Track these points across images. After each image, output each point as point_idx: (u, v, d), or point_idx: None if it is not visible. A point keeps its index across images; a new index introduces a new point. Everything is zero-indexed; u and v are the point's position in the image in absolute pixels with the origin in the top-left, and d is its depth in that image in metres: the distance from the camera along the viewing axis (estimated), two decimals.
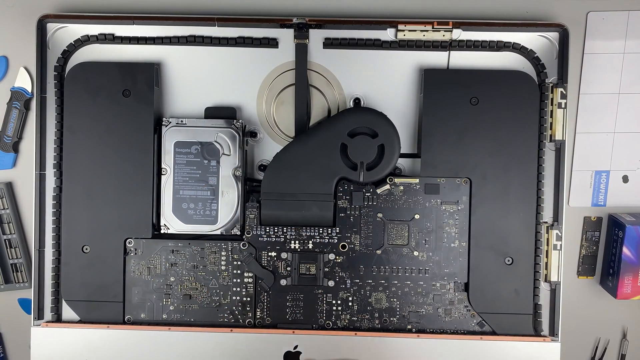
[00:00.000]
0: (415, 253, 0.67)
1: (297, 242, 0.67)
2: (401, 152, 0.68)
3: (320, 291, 0.67)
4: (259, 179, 0.69)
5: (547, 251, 0.67)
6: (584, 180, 0.72)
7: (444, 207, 0.67)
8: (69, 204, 0.67)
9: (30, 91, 0.71)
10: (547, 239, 0.67)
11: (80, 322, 0.68)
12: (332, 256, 0.67)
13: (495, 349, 0.66)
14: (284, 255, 0.67)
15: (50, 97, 0.68)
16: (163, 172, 0.67)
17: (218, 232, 0.67)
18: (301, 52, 0.68)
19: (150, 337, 0.67)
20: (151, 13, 0.68)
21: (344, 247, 0.67)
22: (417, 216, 0.67)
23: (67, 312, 0.68)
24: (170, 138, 0.67)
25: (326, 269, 0.67)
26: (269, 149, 0.70)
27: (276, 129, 0.70)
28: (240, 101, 0.69)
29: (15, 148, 0.71)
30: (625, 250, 0.69)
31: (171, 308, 0.68)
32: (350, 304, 0.68)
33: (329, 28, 0.68)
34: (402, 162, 0.69)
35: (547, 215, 0.68)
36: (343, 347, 0.66)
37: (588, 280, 0.74)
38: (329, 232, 0.67)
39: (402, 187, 0.67)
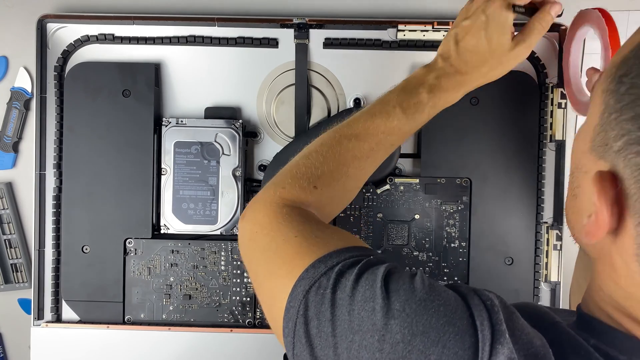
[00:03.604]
0: (415, 253, 0.67)
1: None
2: (401, 152, 0.68)
3: None
4: (259, 179, 0.69)
5: (547, 251, 0.67)
6: None
7: (444, 207, 0.67)
8: (69, 204, 0.67)
9: (30, 91, 0.71)
10: (547, 239, 0.67)
11: (80, 322, 0.68)
12: None
13: None
14: None
15: (50, 97, 0.68)
16: (163, 172, 0.67)
17: (218, 232, 0.67)
18: (301, 52, 0.68)
19: (150, 337, 0.67)
20: (151, 13, 0.68)
21: None
22: (417, 216, 0.67)
23: (67, 312, 0.68)
24: (170, 138, 0.67)
25: None
26: (269, 149, 0.70)
27: (276, 129, 0.70)
28: (240, 101, 0.69)
29: (15, 148, 0.71)
30: None
31: (171, 308, 0.68)
32: None
33: (329, 28, 0.68)
34: (402, 162, 0.69)
35: (547, 215, 0.68)
36: None
37: None
38: None
39: (402, 187, 0.67)
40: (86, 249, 0.67)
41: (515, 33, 0.53)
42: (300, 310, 0.37)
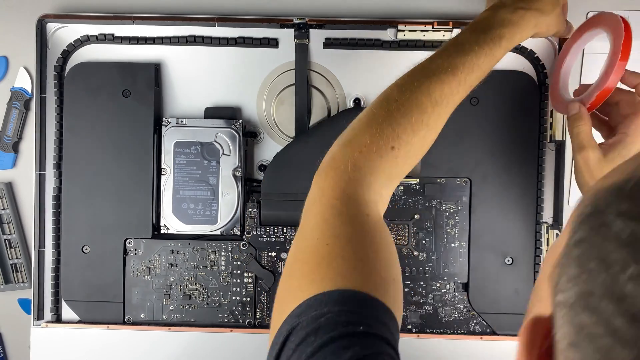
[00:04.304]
0: (415, 253, 0.67)
1: None
2: None
3: None
4: (259, 179, 0.69)
5: (546, 251, 0.67)
6: None
7: (444, 207, 0.67)
8: (68, 204, 0.67)
9: (30, 91, 0.71)
10: (547, 239, 0.67)
11: (80, 322, 0.68)
12: None
13: (495, 349, 0.66)
14: (284, 255, 0.67)
15: (50, 97, 0.68)
16: (163, 172, 0.67)
17: (218, 232, 0.67)
18: (301, 52, 0.68)
19: (150, 337, 0.67)
20: (151, 13, 0.68)
21: None
22: (417, 216, 0.67)
23: (67, 312, 0.68)
24: (170, 138, 0.67)
25: None
26: (269, 149, 0.70)
27: (276, 129, 0.70)
28: (240, 101, 0.69)
29: (15, 148, 0.71)
30: None
31: (171, 308, 0.68)
32: None
33: (329, 28, 0.68)
34: None
35: (547, 215, 0.68)
36: None
37: None
38: None
39: (402, 187, 0.67)
40: (86, 249, 0.67)
41: None
42: (277, 350, 0.36)
